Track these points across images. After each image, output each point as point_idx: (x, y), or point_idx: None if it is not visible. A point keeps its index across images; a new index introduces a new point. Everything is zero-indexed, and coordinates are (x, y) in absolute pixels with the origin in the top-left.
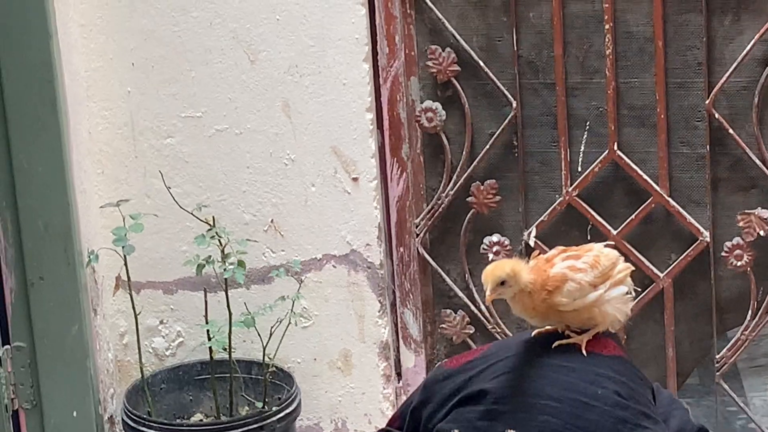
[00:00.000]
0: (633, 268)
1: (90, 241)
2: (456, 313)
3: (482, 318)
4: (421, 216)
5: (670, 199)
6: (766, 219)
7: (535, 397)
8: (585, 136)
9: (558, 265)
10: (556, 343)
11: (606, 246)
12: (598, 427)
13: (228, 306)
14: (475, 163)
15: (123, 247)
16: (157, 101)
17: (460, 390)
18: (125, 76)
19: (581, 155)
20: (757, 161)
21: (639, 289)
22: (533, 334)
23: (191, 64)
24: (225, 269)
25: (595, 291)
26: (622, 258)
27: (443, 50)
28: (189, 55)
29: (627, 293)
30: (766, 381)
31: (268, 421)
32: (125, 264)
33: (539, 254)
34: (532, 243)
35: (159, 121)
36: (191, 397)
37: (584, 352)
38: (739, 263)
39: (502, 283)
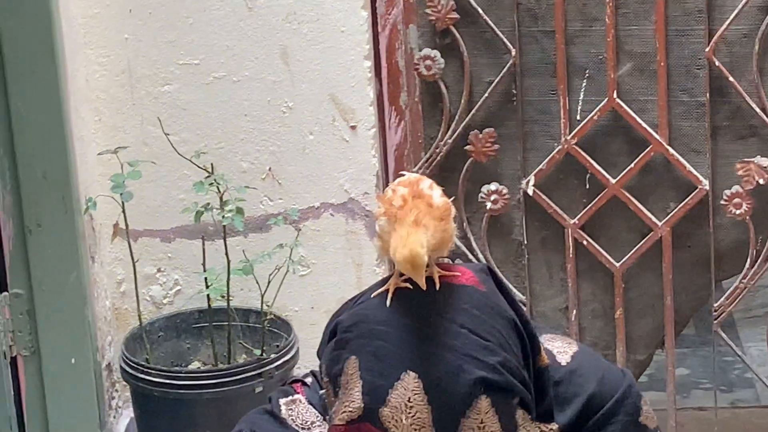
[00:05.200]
0: None
1: (87, 188)
2: (453, 261)
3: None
4: (419, 165)
5: (669, 148)
6: (765, 167)
7: (375, 323)
8: (584, 84)
9: (434, 196)
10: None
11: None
12: (422, 354)
13: (226, 253)
14: (473, 111)
15: (121, 194)
16: (154, 48)
17: (332, 327)
18: (122, 22)
19: (580, 103)
20: (757, 109)
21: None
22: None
23: (188, 11)
24: (224, 216)
25: None
26: None
27: None
28: (186, 1)
29: None
30: (762, 331)
31: (266, 368)
32: (123, 211)
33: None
34: (530, 192)
35: (156, 69)
36: (189, 345)
37: (437, 282)
38: (738, 211)
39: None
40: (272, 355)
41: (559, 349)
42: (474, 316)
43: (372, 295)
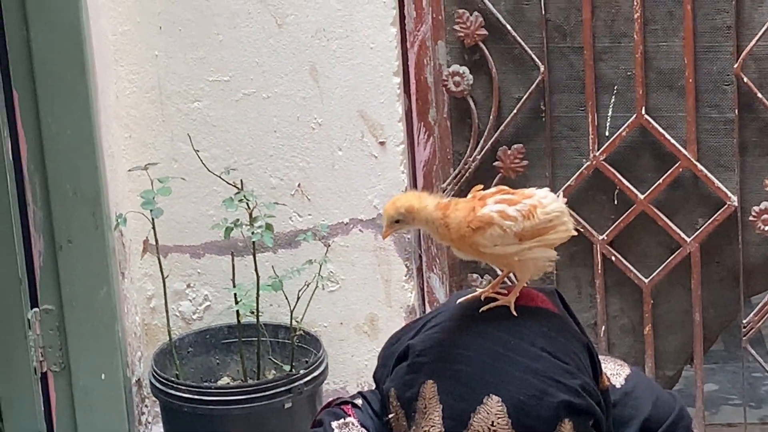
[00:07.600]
0: (575, 234)
1: (118, 204)
2: (482, 277)
3: (510, 282)
4: (448, 180)
5: (697, 164)
6: None
7: (453, 347)
8: (613, 100)
9: (488, 206)
10: (482, 309)
11: (558, 197)
12: (505, 377)
13: (256, 269)
14: (502, 127)
15: (151, 210)
16: (184, 65)
17: (402, 350)
18: (153, 39)
19: (609, 119)
20: None
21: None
22: (458, 301)
23: (218, 27)
24: (253, 232)
25: (519, 245)
26: (566, 217)
27: (471, 14)
28: (216, 18)
29: (553, 259)
30: None
31: (296, 384)
32: (153, 227)
33: (481, 188)
34: None
35: (186, 85)
36: (218, 361)
37: (514, 311)
38: (766, 227)
39: (398, 221)
40: (301, 371)
41: (612, 371)
42: (553, 339)
43: (458, 301)
